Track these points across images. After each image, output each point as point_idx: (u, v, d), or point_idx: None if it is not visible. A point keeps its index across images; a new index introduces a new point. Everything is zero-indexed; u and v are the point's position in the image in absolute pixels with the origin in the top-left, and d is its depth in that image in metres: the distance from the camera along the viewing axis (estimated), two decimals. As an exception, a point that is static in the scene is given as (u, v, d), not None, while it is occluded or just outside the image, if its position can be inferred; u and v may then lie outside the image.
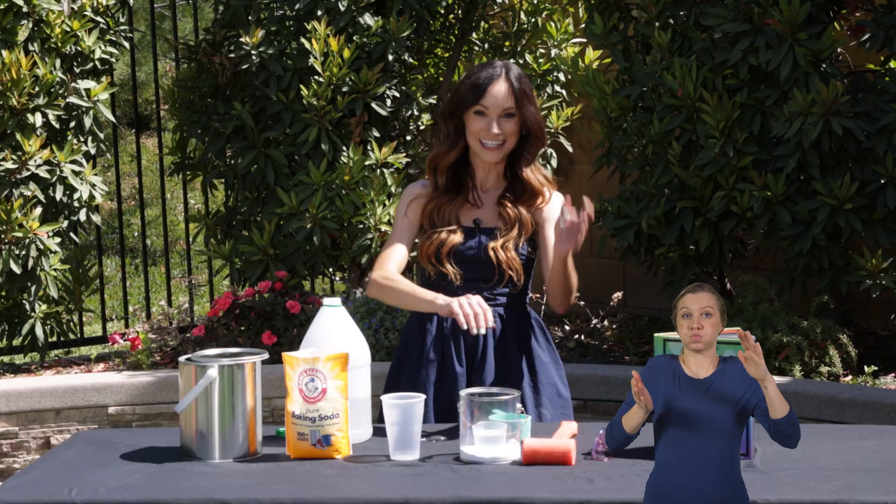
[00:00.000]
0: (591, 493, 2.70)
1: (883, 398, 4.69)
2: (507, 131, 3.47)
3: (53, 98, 5.79)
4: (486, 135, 3.46)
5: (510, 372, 3.48)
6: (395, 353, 3.63)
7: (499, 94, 3.46)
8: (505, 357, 3.50)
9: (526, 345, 3.52)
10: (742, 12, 5.22)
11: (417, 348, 3.52)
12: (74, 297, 6.03)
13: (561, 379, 3.57)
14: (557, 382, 3.55)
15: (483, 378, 3.44)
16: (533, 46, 6.57)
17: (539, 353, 3.53)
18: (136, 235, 10.38)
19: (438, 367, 3.47)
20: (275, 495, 2.72)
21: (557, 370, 3.57)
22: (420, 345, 3.51)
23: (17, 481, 2.88)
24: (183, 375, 3.06)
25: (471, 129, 3.49)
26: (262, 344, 5.48)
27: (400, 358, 3.58)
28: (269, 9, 6.04)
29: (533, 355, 3.52)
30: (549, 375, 3.53)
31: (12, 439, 5.28)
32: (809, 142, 5.07)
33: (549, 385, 3.52)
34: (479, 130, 3.47)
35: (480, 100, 3.46)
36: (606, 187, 6.16)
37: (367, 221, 5.77)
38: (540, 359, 3.53)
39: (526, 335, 3.53)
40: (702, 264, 5.64)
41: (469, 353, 3.49)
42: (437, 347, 3.49)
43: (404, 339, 3.60)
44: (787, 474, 2.80)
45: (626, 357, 5.70)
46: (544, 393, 3.51)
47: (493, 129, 3.45)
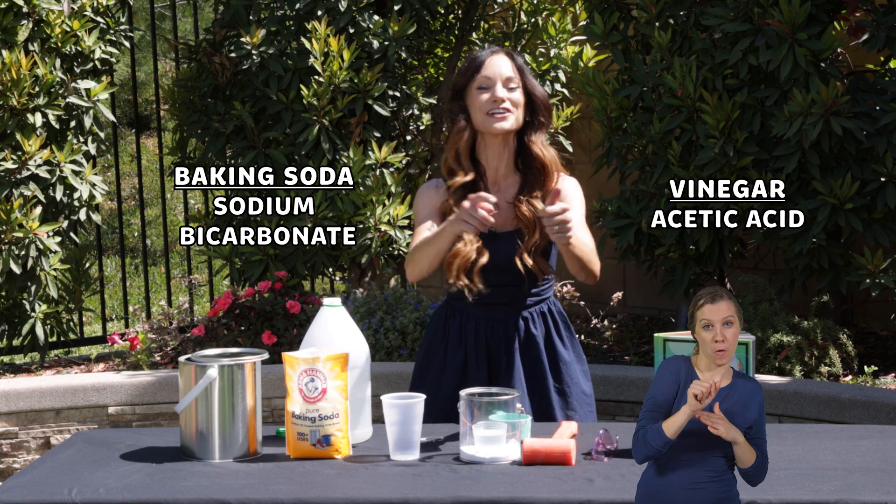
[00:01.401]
0: (591, 493, 2.70)
1: (883, 398, 4.69)
2: (513, 100, 3.42)
3: (53, 98, 5.79)
4: (492, 104, 3.41)
5: (534, 378, 3.47)
6: (418, 358, 3.61)
7: (499, 64, 3.43)
8: (531, 360, 3.48)
9: (550, 344, 3.50)
10: (742, 12, 5.22)
11: (440, 355, 3.51)
12: (74, 297, 6.03)
13: (584, 375, 3.56)
14: (581, 381, 3.54)
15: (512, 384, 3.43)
16: (533, 46, 6.57)
17: (563, 353, 3.52)
18: (136, 235, 10.39)
19: (460, 375, 3.47)
20: (275, 495, 2.72)
21: (581, 366, 3.56)
22: (443, 352, 3.51)
23: (16, 481, 2.88)
24: (183, 375, 3.06)
25: (476, 106, 3.43)
26: (262, 344, 5.48)
27: (422, 366, 3.56)
28: (269, 9, 6.04)
29: (557, 356, 3.51)
30: (573, 375, 3.52)
31: (12, 439, 5.28)
32: (809, 142, 5.07)
33: (574, 386, 3.52)
34: (483, 102, 3.41)
35: (482, 70, 3.42)
36: (606, 187, 6.16)
37: (367, 221, 5.77)
38: (563, 358, 3.52)
39: (550, 334, 3.51)
40: (702, 264, 5.64)
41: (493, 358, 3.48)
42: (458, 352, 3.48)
43: (426, 344, 3.58)
44: (787, 474, 2.80)
45: (626, 357, 5.70)
46: (572, 395, 3.51)
47: (497, 95, 3.40)
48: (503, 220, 3.46)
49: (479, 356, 3.46)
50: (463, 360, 3.47)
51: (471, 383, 3.38)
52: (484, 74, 3.43)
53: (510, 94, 3.43)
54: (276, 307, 5.61)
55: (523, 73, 3.46)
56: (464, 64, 3.51)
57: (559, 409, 3.48)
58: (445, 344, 3.51)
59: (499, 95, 3.41)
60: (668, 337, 3.15)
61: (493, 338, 3.48)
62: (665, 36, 5.47)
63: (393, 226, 5.79)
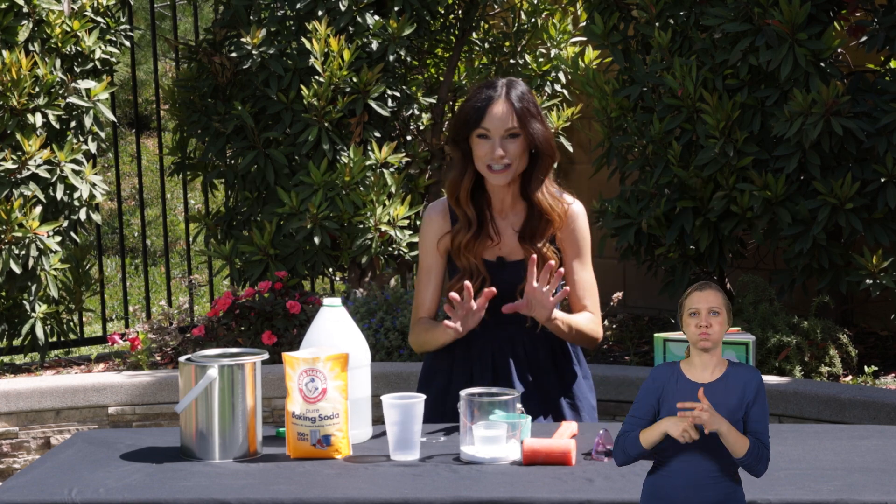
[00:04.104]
0: (591, 493, 2.70)
1: (883, 398, 4.69)
2: (513, 153, 3.37)
3: (53, 98, 5.79)
4: (491, 158, 3.37)
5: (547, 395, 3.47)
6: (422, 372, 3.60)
7: (499, 115, 3.37)
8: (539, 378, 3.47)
9: (557, 361, 3.49)
10: (742, 12, 5.22)
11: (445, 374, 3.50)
12: (74, 297, 6.03)
13: (590, 389, 3.57)
14: (589, 396, 3.55)
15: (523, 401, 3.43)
16: (533, 46, 6.57)
17: (571, 369, 3.52)
18: (136, 235, 10.39)
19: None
20: (275, 495, 2.72)
21: (588, 382, 3.57)
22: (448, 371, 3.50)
23: (16, 481, 2.88)
24: (183, 375, 3.06)
25: (476, 154, 3.39)
26: (262, 344, 5.48)
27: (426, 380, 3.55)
28: (269, 9, 6.04)
29: (566, 372, 3.50)
30: (582, 390, 3.53)
31: (12, 439, 5.28)
32: (809, 142, 5.07)
33: (584, 401, 3.52)
34: (483, 154, 3.37)
35: (481, 122, 3.37)
36: (606, 187, 6.16)
37: (367, 221, 5.77)
38: (572, 374, 3.52)
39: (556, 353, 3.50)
40: (702, 264, 5.64)
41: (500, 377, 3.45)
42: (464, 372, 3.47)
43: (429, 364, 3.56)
44: (787, 474, 2.79)
45: (626, 357, 5.70)
46: (584, 409, 3.51)
47: (496, 152, 3.36)
48: (510, 249, 3.45)
49: (486, 376, 3.45)
50: (468, 380, 3.45)
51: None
52: (484, 126, 3.38)
53: (509, 147, 3.37)
54: (276, 307, 5.60)
55: (525, 118, 3.38)
56: (465, 105, 3.43)
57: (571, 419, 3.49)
58: (451, 362, 3.50)
59: (497, 153, 3.36)
60: (668, 337, 3.15)
61: (501, 357, 3.47)
62: (665, 36, 5.47)
63: (393, 226, 5.79)
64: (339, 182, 5.73)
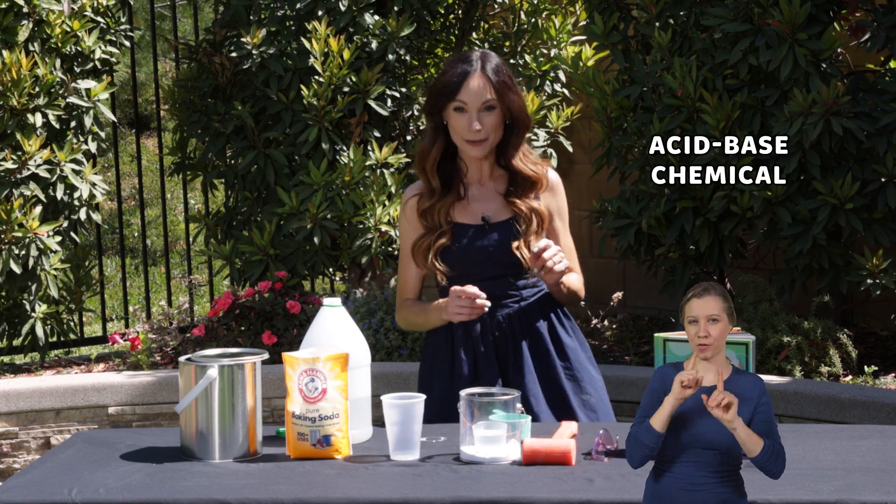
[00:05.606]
0: (591, 493, 2.70)
1: (883, 398, 4.69)
2: (489, 125, 3.41)
3: (53, 98, 5.79)
4: (468, 132, 3.41)
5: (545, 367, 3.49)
6: (423, 364, 3.61)
7: (476, 88, 3.40)
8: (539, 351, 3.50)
9: (554, 333, 3.52)
10: (742, 12, 5.22)
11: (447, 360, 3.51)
12: (75, 297, 6.03)
13: (590, 361, 3.59)
14: (588, 366, 3.56)
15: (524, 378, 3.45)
16: (533, 46, 6.57)
17: (567, 340, 3.54)
18: (136, 235, 10.38)
19: (472, 375, 3.47)
20: (275, 495, 2.72)
21: (585, 353, 3.59)
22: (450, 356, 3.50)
23: (16, 481, 2.88)
24: (183, 375, 3.06)
25: (453, 126, 3.44)
26: (262, 344, 5.48)
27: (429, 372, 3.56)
28: (269, 9, 6.04)
29: (562, 343, 3.53)
30: (580, 360, 3.54)
31: (12, 439, 5.28)
32: (810, 142, 5.07)
33: (583, 370, 3.54)
34: (461, 128, 3.41)
35: (457, 95, 3.40)
36: (606, 187, 6.16)
37: (367, 221, 5.77)
38: (568, 345, 3.54)
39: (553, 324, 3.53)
40: (702, 264, 5.64)
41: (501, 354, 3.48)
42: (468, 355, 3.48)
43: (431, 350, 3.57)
44: (787, 474, 2.78)
45: (626, 357, 5.70)
46: (584, 379, 3.52)
47: (473, 126, 3.40)
48: (496, 210, 3.49)
49: (489, 355, 3.47)
50: (472, 361, 3.47)
51: (483, 382, 3.39)
52: (460, 98, 3.41)
53: (486, 120, 3.41)
54: (276, 307, 5.61)
55: (501, 91, 3.42)
56: (441, 77, 3.46)
57: (573, 393, 3.49)
58: (451, 347, 3.51)
59: (475, 127, 3.40)
60: (668, 337, 3.15)
61: (501, 334, 3.49)
62: (665, 36, 5.47)
63: (393, 226, 5.79)
64: (339, 182, 5.73)
